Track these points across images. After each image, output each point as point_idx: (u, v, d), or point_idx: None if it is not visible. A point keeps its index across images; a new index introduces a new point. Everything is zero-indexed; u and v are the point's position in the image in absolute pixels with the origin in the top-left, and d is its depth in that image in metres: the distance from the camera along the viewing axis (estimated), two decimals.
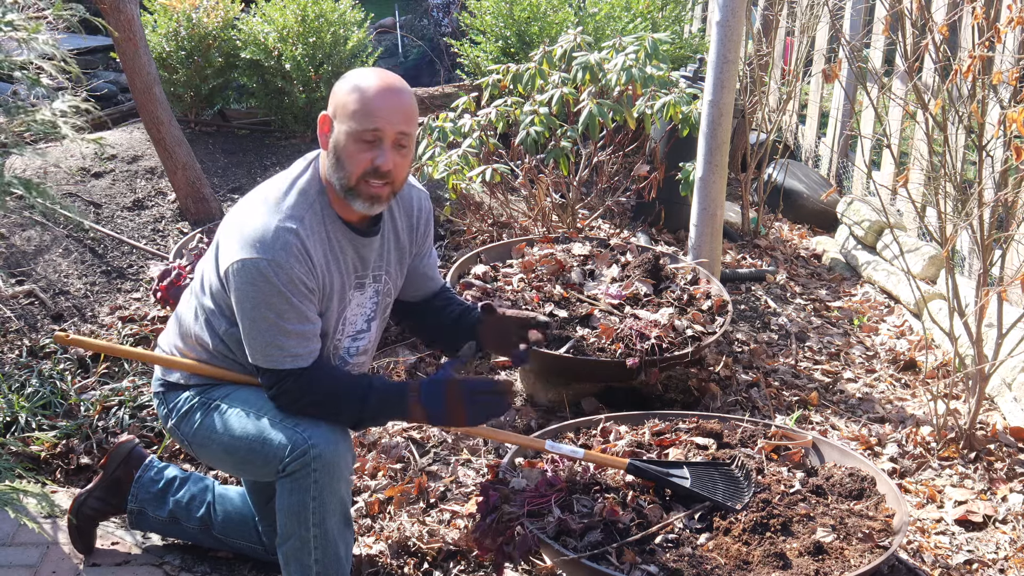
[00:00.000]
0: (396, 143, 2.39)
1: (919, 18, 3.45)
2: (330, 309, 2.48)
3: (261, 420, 2.43)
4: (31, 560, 2.80)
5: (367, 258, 2.54)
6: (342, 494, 2.41)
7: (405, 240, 2.66)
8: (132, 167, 5.13)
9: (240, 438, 2.45)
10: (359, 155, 2.37)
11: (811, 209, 5.76)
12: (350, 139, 2.38)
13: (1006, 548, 2.98)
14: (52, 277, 4.25)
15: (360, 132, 2.36)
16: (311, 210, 2.42)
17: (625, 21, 5.79)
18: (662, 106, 4.21)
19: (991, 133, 3.27)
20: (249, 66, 5.53)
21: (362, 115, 2.36)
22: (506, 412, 2.64)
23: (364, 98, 2.37)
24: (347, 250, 2.49)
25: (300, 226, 2.38)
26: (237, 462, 2.54)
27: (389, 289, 2.65)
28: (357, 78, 2.41)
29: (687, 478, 2.68)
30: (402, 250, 2.66)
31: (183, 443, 2.60)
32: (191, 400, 2.55)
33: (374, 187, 2.40)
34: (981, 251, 3.35)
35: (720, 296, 3.76)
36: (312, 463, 2.34)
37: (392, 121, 2.37)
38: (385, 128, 2.37)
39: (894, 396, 3.91)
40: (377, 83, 2.39)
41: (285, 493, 2.39)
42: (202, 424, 2.52)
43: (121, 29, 4.37)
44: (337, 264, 2.47)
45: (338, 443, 2.38)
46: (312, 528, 2.39)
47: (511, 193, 4.93)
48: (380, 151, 2.37)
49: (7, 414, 3.32)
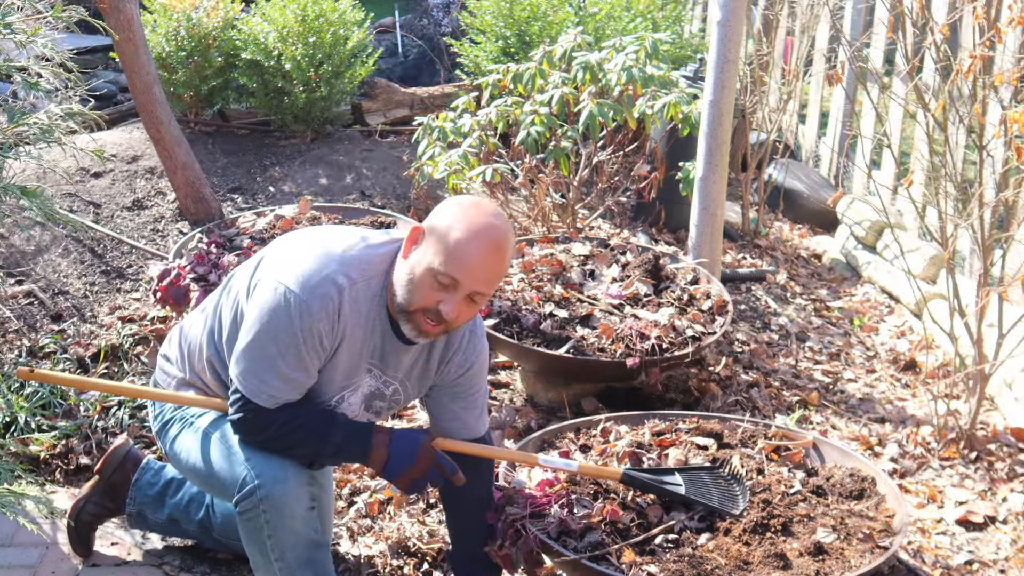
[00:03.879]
0: (470, 297, 2.29)
1: (920, 18, 3.45)
2: (333, 374, 2.39)
3: (222, 450, 2.41)
4: (31, 561, 2.80)
5: (388, 357, 2.44)
6: (297, 529, 2.35)
7: (434, 364, 2.52)
8: (132, 167, 5.13)
9: (204, 462, 2.45)
10: (429, 292, 2.26)
11: (811, 209, 5.76)
12: (428, 273, 2.26)
13: (1006, 548, 2.98)
14: (51, 277, 4.25)
15: (439, 273, 2.25)
16: (366, 282, 2.33)
17: (625, 21, 5.79)
18: (662, 106, 4.21)
19: (992, 133, 3.27)
20: (249, 66, 5.53)
21: (450, 261, 2.24)
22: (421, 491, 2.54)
23: (461, 245, 2.24)
24: (376, 336, 2.39)
25: (349, 286, 2.29)
26: (201, 483, 2.54)
27: (398, 398, 2.55)
28: (468, 217, 2.27)
29: (680, 485, 2.66)
30: (427, 371, 2.53)
31: (162, 450, 2.62)
32: (174, 411, 2.56)
33: (428, 324, 2.31)
34: (982, 251, 3.34)
35: (720, 296, 3.76)
36: (260, 504, 2.31)
37: (476, 279, 2.26)
38: (467, 283, 2.26)
39: (894, 396, 3.91)
40: (482, 236, 2.26)
41: (242, 529, 2.39)
42: (176, 439, 2.53)
43: (121, 29, 4.36)
44: (363, 342, 2.38)
45: (287, 481, 2.32)
46: (275, 562, 2.39)
47: (511, 193, 4.92)
48: (450, 297, 2.26)
49: (6, 414, 3.32)
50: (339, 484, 3.15)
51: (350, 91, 5.75)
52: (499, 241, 2.28)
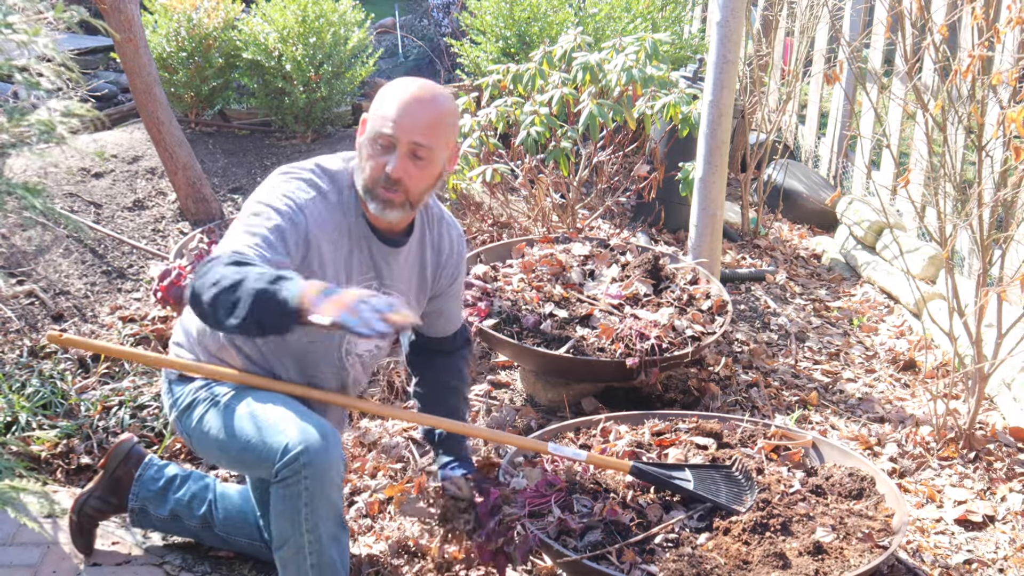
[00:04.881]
0: (411, 152, 2.39)
1: (919, 18, 3.45)
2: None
3: (258, 422, 2.42)
4: (32, 560, 2.81)
5: (381, 267, 2.53)
6: (334, 499, 2.37)
7: (429, 275, 2.65)
8: (132, 167, 5.13)
9: (235, 438, 2.44)
10: (375, 161, 2.41)
11: (811, 209, 5.77)
12: (368, 144, 2.42)
13: (1005, 548, 2.98)
14: (52, 277, 4.25)
15: (375, 137, 2.40)
16: (338, 193, 2.47)
17: (625, 21, 5.80)
18: (662, 106, 4.21)
19: (991, 133, 3.27)
20: (249, 66, 5.54)
21: (380, 120, 2.40)
22: (384, 338, 2.26)
23: (385, 104, 2.40)
24: (364, 248, 2.50)
25: (327, 192, 2.45)
26: (231, 460, 2.54)
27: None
28: (394, 84, 2.44)
29: (690, 480, 2.68)
30: (424, 282, 2.64)
31: (183, 435, 2.61)
32: (195, 392, 2.56)
33: (387, 192, 2.41)
34: (981, 251, 3.35)
35: (720, 296, 3.77)
36: (303, 470, 2.31)
37: (408, 129, 2.38)
38: (399, 135, 2.38)
39: (894, 396, 3.92)
40: (407, 91, 2.41)
41: (278, 499, 2.37)
42: (202, 419, 2.53)
43: (121, 30, 4.37)
44: (349, 252, 2.47)
45: (328, 449, 2.33)
46: (306, 534, 2.37)
47: (511, 193, 4.93)
48: (392, 157, 2.38)
49: (8, 414, 3.32)
50: None
51: (350, 92, 5.76)
52: (421, 92, 2.41)
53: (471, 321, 3.43)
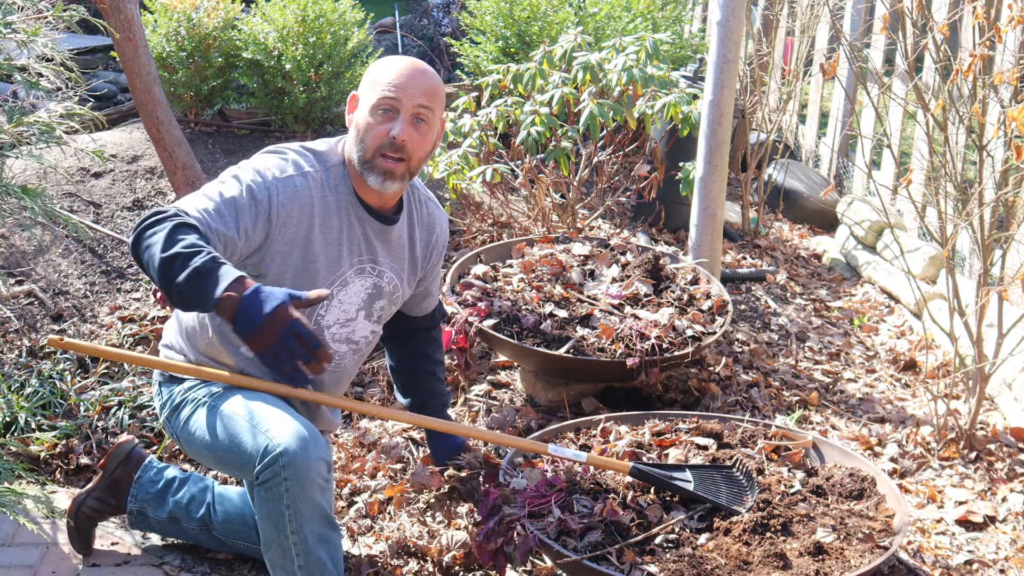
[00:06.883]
0: (415, 116, 2.45)
1: (919, 18, 3.45)
2: (315, 266, 2.48)
3: (238, 424, 2.41)
4: (31, 560, 2.80)
5: (375, 245, 2.56)
6: (316, 500, 2.35)
7: (419, 254, 2.70)
8: (132, 167, 5.13)
9: (220, 439, 2.45)
10: (377, 128, 2.44)
11: (811, 209, 5.76)
12: (370, 113, 2.45)
13: (1006, 548, 2.98)
14: (52, 277, 4.25)
15: (378, 104, 2.44)
16: (326, 171, 2.50)
17: (625, 21, 5.79)
18: (662, 106, 4.21)
19: (992, 133, 3.27)
20: (249, 66, 5.53)
21: (381, 86, 2.45)
22: (302, 384, 2.39)
23: (387, 72, 2.47)
24: (355, 226, 2.52)
25: (312, 173, 2.47)
26: (218, 461, 2.54)
27: (397, 293, 2.67)
28: (385, 59, 2.53)
29: (690, 481, 2.67)
30: (415, 260, 2.69)
31: (173, 437, 2.62)
32: (184, 394, 2.56)
33: (388, 162, 2.44)
34: (981, 251, 3.34)
35: (720, 296, 3.76)
36: (282, 471, 2.29)
37: (411, 94, 2.44)
38: (403, 99, 2.43)
39: (894, 396, 3.91)
40: (402, 62, 2.50)
41: (260, 502, 2.36)
42: (189, 420, 2.53)
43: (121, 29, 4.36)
44: (339, 230, 2.50)
45: (307, 450, 2.31)
46: (291, 536, 2.36)
47: (511, 193, 4.93)
48: (396, 122, 2.43)
49: (7, 414, 3.32)
50: (339, 484, 3.15)
51: (350, 91, 5.75)
52: (416, 63, 2.51)
53: (471, 321, 3.43)
